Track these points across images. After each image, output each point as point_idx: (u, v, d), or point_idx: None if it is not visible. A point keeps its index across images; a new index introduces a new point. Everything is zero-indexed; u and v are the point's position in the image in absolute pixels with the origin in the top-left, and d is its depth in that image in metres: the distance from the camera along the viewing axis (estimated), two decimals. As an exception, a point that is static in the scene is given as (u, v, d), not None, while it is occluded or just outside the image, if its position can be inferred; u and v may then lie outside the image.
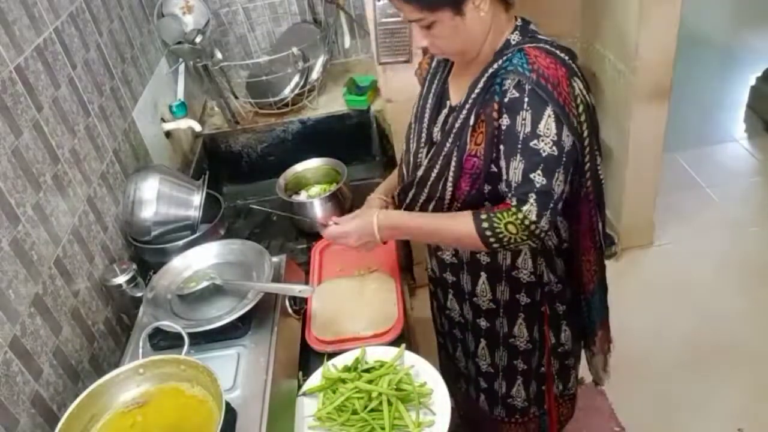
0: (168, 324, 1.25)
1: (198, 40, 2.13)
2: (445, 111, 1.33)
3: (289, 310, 1.41)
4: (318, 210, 1.77)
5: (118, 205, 1.62)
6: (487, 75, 1.21)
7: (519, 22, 1.26)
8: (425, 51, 1.32)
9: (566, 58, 1.20)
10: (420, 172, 1.33)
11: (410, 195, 1.37)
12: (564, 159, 1.16)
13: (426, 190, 1.33)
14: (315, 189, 1.92)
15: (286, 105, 2.27)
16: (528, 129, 1.14)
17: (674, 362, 2.39)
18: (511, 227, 1.17)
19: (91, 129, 1.54)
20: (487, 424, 1.67)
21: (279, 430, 1.18)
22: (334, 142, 2.17)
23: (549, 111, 1.13)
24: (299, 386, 1.33)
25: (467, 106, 1.23)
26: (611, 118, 2.74)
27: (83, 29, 1.59)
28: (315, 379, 1.33)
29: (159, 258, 1.55)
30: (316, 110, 2.31)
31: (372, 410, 1.23)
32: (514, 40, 1.23)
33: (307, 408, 1.29)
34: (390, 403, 1.23)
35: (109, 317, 1.48)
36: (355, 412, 1.24)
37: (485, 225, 1.19)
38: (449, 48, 1.25)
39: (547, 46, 1.20)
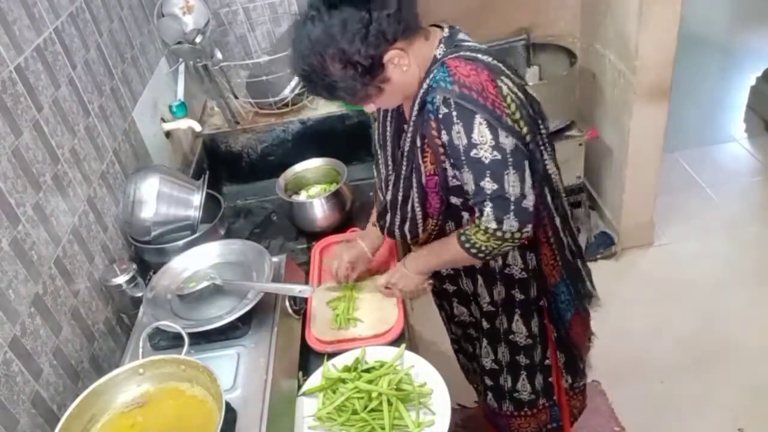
0: (168, 324, 1.25)
1: (198, 40, 2.13)
2: (404, 136, 1.34)
3: (289, 310, 1.41)
4: (318, 210, 1.77)
5: (118, 205, 1.62)
6: (419, 96, 1.22)
7: (446, 33, 1.25)
8: None
9: (489, 59, 1.20)
10: (389, 197, 1.39)
11: (387, 219, 1.43)
12: (510, 159, 1.17)
13: (398, 213, 1.38)
14: (315, 189, 1.92)
15: (286, 105, 2.27)
16: (465, 141, 1.16)
17: (674, 362, 2.39)
18: (480, 236, 1.23)
19: (91, 129, 1.54)
20: (500, 420, 1.68)
21: (279, 430, 1.18)
22: (334, 142, 2.17)
23: (479, 119, 1.14)
24: (299, 386, 1.33)
25: (411, 130, 1.26)
26: (611, 118, 2.75)
27: (83, 29, 1.59)
28: (315, 379, 1.33)
29: (159, 258, 1.55)
30: (316, 110, 2.30)
31: (372, 410, 1.23)
32: (439, 54, 1.22)
33: (307, 408, 1.29)
34: (390, 403, 1.23)
35: (109, 317, 1.48)
36: (355, 412, 1.24)
37: (463, 239, 1.27)
38: (395, 102, 1.30)
39: (468, 53, 1.20)
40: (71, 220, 1.39)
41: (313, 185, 1.94)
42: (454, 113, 1.15)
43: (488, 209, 1.19)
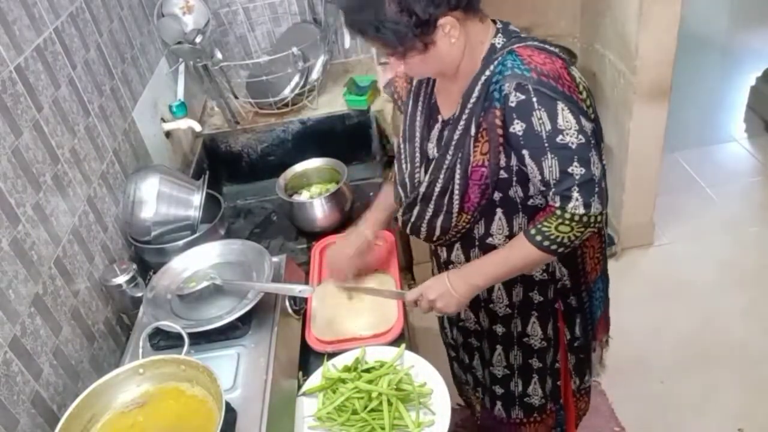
0: (168, 324, 1.25)
1: (198, 40, 2.13)
2: (438, 126, 1.32)
3: (289, 310, 1.41)
4: (318, 210, 1.77)
5: (118, 205, 1.62)
6: (480, 83, 1.19)
7: (499, 25, 1.24)
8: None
9: (557, 50, 1.21)
10: (422, 189, 1.32)
11: (415, 212, 1.37)
12: (592, 141, 1.16)
13: (431, 206, 1.33)
14: (315, 189, 1.92)
15: (286, 105, 2.27)
16: (548, 127, 1.13)
17: (674, 362, 2.39)
18: (562, 228, 1.18)
19: (91, 129, 1.54)
20: (506, 429, 1.66)
21: (279, 430, 1.18)
22: (334, 142, 2.17)
23: (561, 105, 1.13)
24: (299, 386, 1.33)
25: (464, 117, 1.22)
26: (611, 118, 2.74)
27: (83, 29, 1.59)
28: (315, 379, 1.33)
29: (159, 258, 1.55)
30: (316, 110, 2.30)
31: (372, 410, 1.23)
32: (499, 43, 1.21)
33: (307, 408, 1.29)
34: (390, 403, 1.23)
35: (109, 317, 1.48)
36: (355, 412, 1.24)
37: (539, 238, 1.21)
38: (426, 72, 1.27)
39: (536, 43, 1.19)
40: (71, 220, 1.39)
41: (313, 185, 1.94)
42: (534, 99, 1.12)
43: (576, 194, 1.15)
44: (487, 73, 1.18)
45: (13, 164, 1.21)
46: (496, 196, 1.27)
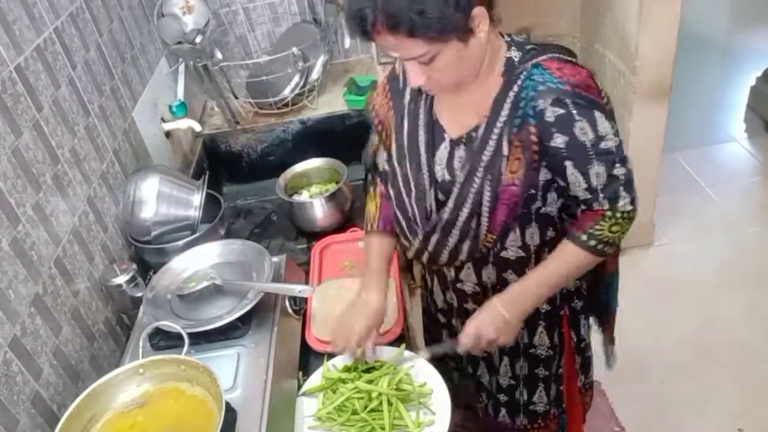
0: (168, 324, 1.25)
1: (198, 40, 2.13)
2: (444, 146, 1.24)
3: (289, 310, 1.41)
4: (318, 210, 1.77)
5: (118, 205, 1.62)
6: (510, 100, 1.14)
7: (507, 38, 1.20)
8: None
9: (575, 60, 1.20)
10: (445, 215, 1.25)
11: (433, 240, 1.29)
12: (622, 142, 1.19)
13: (455, 231, 1.26)
14: (315, 189, 1.92)
15: (286, 105, 2.27)
16: (591, 135, 1.13)
17: (674, 362, 2.39)
18: (615, 228, 1.20)
19: (91, 129, 1.54)
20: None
21: (279, 430, 1.18)
22: (334, 142, 2.17)
23: (597, 113, 1.14)
24: (299, 386, 1.33)
25: (493, 137, 1.16)
26: (611, 118, 2.74)
27: (83, 29, 1.59)
28: (315, 379, 1.33)
29: (159, 258, 1.55)
30: (316, 110, 2.30)
31: (372, 410, 1.23)
32: (515, 56, 1.17)
33: (307, 408, 1.29)
34: (390, 403, 1.23)
35: (109, 317, 1.48)
36: (355, 412, 1.24)
37: (593, 242, 1.20)
38: (449, 79, 1.15)
39: (557, 54, 1.17)
40: (71, 220, 1.38)
41: (313, 185, 1.94)
42: (574, 111, 1.11)
43: (623, 193, 1.18)
44: (515, 89, 1.14)
45: (13, 164, 1.21)
46: (521, 212, 1.23)
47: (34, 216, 1.25)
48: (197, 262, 1.47)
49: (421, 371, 1.30)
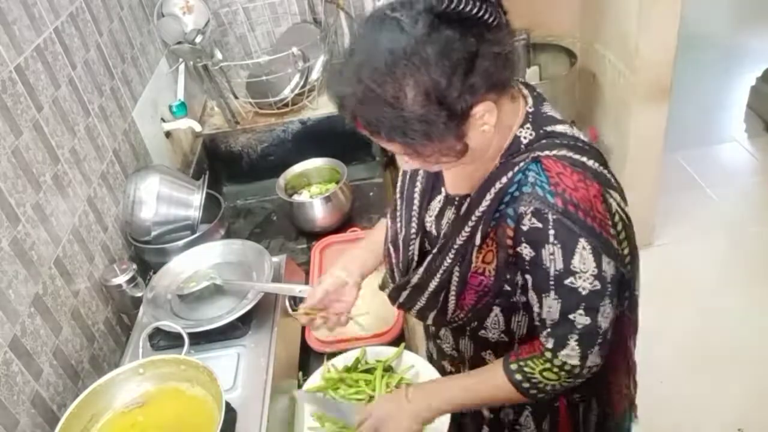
0: (168, 324, 1.25)
1: (198, 40, 2.13)
2: (439, 197, 1.12)
3: (289, 310, 1.41)
4: (318, 210, 1.77)
5: (118, 205, 1.62)
6: (494, 190, 0.97)
7: (530, 106, 1.00)
8: None
9: (596, 166, 0.98)
10: (414, 279, 1.12)
11: (404, 296, 1.17)
12: (609, 290, 0.98)
13: (423, 299, 1.13)
14: (315, 189, 1.92)
15: (286, 105, 2.27)
16: (559, 265, 0.94)
17: (674, 362, 2.39)
18: (548, 374, 1.02)
19: (91, 129, 1.54)
20: None
21: (279, 430, 1.18)
22: (334, 142, 2.17)
23: (583, 243, 0.93)
24: (299, 386, 1.33)
25: (471, 222, 1.01)
26: (611, 118, 2.75)
27: (83, 29, 1.59)
28: (315, 380, 1.33)
29: (159, 258, 1.55)
30: (316, 110, 2.30)
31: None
32: (525, 137, 0.98)
33: (308, 407, 1.29)
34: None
35: (109, 317, 1.48)
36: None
37: (518, 377, 1.03)
38: (447, 167, 1.02)
39: (571, 154, 0.96)
40: (71, 220, 1.38)
41: (313, 185, 1.94)
42: (551, 232, 0.92)
43: (573, 343, 0.98)
44: (504, 180, 0.96)
45: (13, 164, 1.21)
46: (496, 301, 1.08)
47: (34, 216, 1.25)
48: (197, 262, 1.47)
49: (421, 371, 1.30)
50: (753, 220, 3.00)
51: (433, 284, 1.10)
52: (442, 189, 1.12)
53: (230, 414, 1.11)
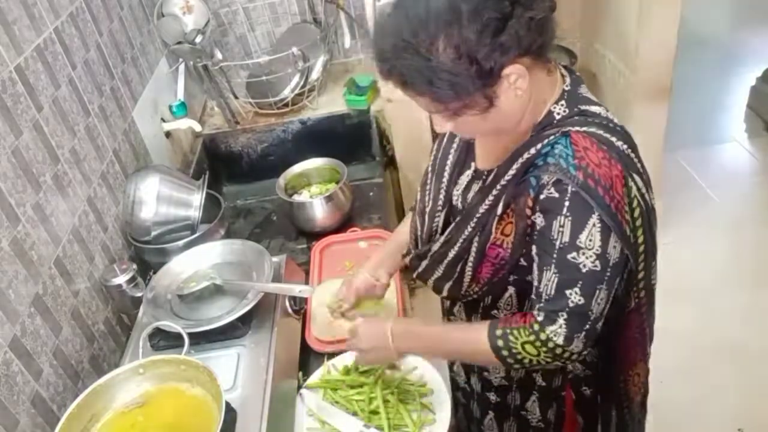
0: (168, 324, 1.25)
1: (198, 40, 2.13)
2: (468, 172, 1.15)
3: (289, 310, 1.41)
4: (318, 210, 1.77)
5: (118, 205, 1.62)
6: (522, 160, 1.01)
7: (567, 86, 1.03)
8: None
9: (623, 147, 1.01)
10: (435, 247, 1.16)
11: (423, 265, 1.21)
12: (609, 274, 0.97)
13: (441, 268, 1.17)
14: (315, 189, 1.92)
15: (286, 105, 2.27)
16: (566, 239, 0.96)
17: (674, 362, 2.39)
18: (529, 348, 1.00)
19: (91, 129, 1.54)
20: None
21: (279, 429, 1.18)
22: (334, 142, 2.17)
23: (594, 219, 0.94)
24: (299, 386, 1.33)
25: (495, 192, 1.05)
26: (611, 118, 2.74)
27: (83, 29, 1.59)
28: (315, 380, 1.33)
29: (159, 258, 1.55)
30: (316, 110, 2.30)
31: (372, 411, 1.23)
32: (558, 113, 1.01)
33: (307, 406, 1.29)
34: (389, 403, 1.23)
35: (109, 317, 1.48)
36: (355, 414, 1.24)
37: (500, 343, 1.03)
38: (479, 132, 1.07)
39: (601, 132, 0.99)
40: (71, 220, 1.39)
41: (313, 185, 1.94)
42: (567, 203, 0.95)
43: (561, 321, 0.97)
44: (533, 151, 1.00)
45: (13, 164, 1.21)
46: (511, 277, 1.11)
47: (34, 216, 1.25)
48: (197, 262, 1.46)
49: (422, 371, 1.30)
50: (753, 220, 3.00)
51: (452, 253, 1.13)
52: (472, 164, 1.15)
53: (230, 414, 1.11)
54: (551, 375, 1.23)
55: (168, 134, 2.04)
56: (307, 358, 1.41)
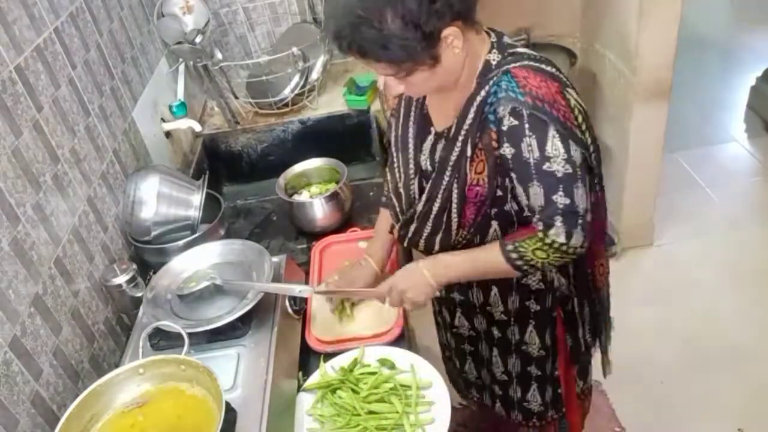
0: (168, 324, 1.25)
1: (198, 40, 2.13)
2: (430, 137, 1.30)
3: (289, 310, 1.41)
4: (318, 210, 1.77)
5: (118, 205, 1.62)
6: (476, 104, 1.17)
7: (493, 38, 1.21)
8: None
9: (553, 70, 1.18)
10: (419, 207, 1.32)
11: (412, 229, 1.36)
12: (579, 173, 1.15)
13: (429, 224, 1.32)
14: (315, 189, 1.92)
15: (286, 105, 2.27)
16: (537, 154, 1.12)
17: (674, 362, 2.39)
18: (539, 253, 1.18)
19: (91, 129, 1.54)
20: (506, 427, 1.65)
21: (279, 429, 1.18)
22: (334, 142, 2.17)
23: (552, 131, 1.11)
24: (299, 386, 1.33)
25: (460, 138, 1.21)
26: (611, 118, 2.74)
27: (83, 29, 1.59)
28: (314, 380, 1.33)
29: (159, 258, 1.55)
30: (316, 110, 2.30)
31: (371, 412, 1.24)
32: (494, 60, 1.18)
33: (307, 406, 1.29)
34: (389, 404, 1.23)
35: (109, 317, 1.48)
36: (356, 414, 1.24)
37: (514, 255, 1.20)
38: (426, 90, 1.24)
39: (532, 63, 1.16)
40: (71, 220, 1.39)
41: (313, 185, 1.94)
42: (527, 125, 1.11)
43: (559, 223, 1.15)
44: (483, 94, 1.16)
45: (13, 164, 1.21)
46: (492, 211, 1.26)
47: (34, 216, 1.25)
48: (197, 262, 1.46)
49: (421, 371, 1.30)
50: (753, 220, 3.00)
51: (436, 206, 1.28)
52: (431, 129, 1.30)
53: (230, 414, 1.11)
54: (543, 297, 1.39)
55: (168, 134, 2.03)
56: (307, 358, 1.41)
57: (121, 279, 1.44)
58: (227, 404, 1.06)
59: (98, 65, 1.64)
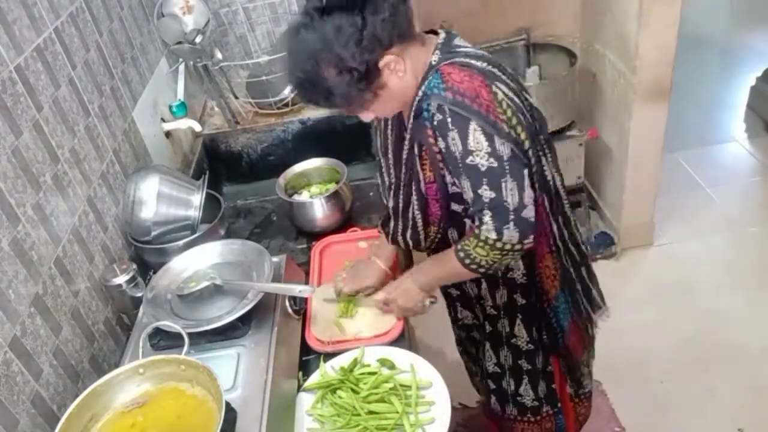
0: (168, 324, 1.25)
1: (198, 40, 2.13)
2: (406, 142, 1.33)
3: (289, 310, 1.41)
4: (318, 210, 1.77)
5: (118, 205, 1.62)
6: (415, 104, 1.20)
7: (441, 39, 1.23)
8: None
9: (484, 65, 1.18)
10: (391, 204, 1.39)
11: (391, 226, 1.43)
12: (507, 167, 1.14)
13: (401, 221, 1.38)
14: (315, 189, 1.92)
15: (286, 105, 2.27)
16: (460, 147, 1.14)
17: (674, 362, 2.39)
18: (479, 251, 1.20)
19: (91, 129, 1.54)
20: (504, 423, 1.67)
21: (279, 429, 1.18)
22: (334, 142, 2.17)
23: (473, 125, 1.12)
24: (299, 386, 1.33)
25: (408, 137, 1.26)
26: (611, 118, 2.75)
27: (83, 29, 1.59)
28: (314, 380, 1.33)
29: (159, 258, 1.55)
30: (316, 110, 2.30)
31: (371, 412, 1.24)
32: (434, 61, 1.20)
33: (307, 405, 1.29)
34: (389, 403, 1.23)
35: (109, 317, 1.48)
36: (356, 414, 1.24)
37: (461, 255, 1.23)
38: (390, 110, 1.27)
39: (463, 59, 1.18)
40: (71, 220, 1.39)
41: (313, 185, 1.94)
42: (449, 120, 1.14)
43: (487, 218, 1.17)
44: (420, 94, 1.19)
45: (13, 164, 1.21)
46: (456, 207, 1.29)
47: (34, 216, 1.25)
48: (197, 262, 1.46)
49: (421, 371, 1.30)
50: (753, 220, 3.00)
51: (401, 203, 1.34)
52: (405, 135, 1.31)
53: (230, 414, 1.11)
54: (528, 293, 1.41)
55: (168, 134, 2.03)
56: (307, 358, 1.41)
57: (121, 279, 1.44)
58: (227, 404, 1.06)
59: (98, 65, 1.64)
